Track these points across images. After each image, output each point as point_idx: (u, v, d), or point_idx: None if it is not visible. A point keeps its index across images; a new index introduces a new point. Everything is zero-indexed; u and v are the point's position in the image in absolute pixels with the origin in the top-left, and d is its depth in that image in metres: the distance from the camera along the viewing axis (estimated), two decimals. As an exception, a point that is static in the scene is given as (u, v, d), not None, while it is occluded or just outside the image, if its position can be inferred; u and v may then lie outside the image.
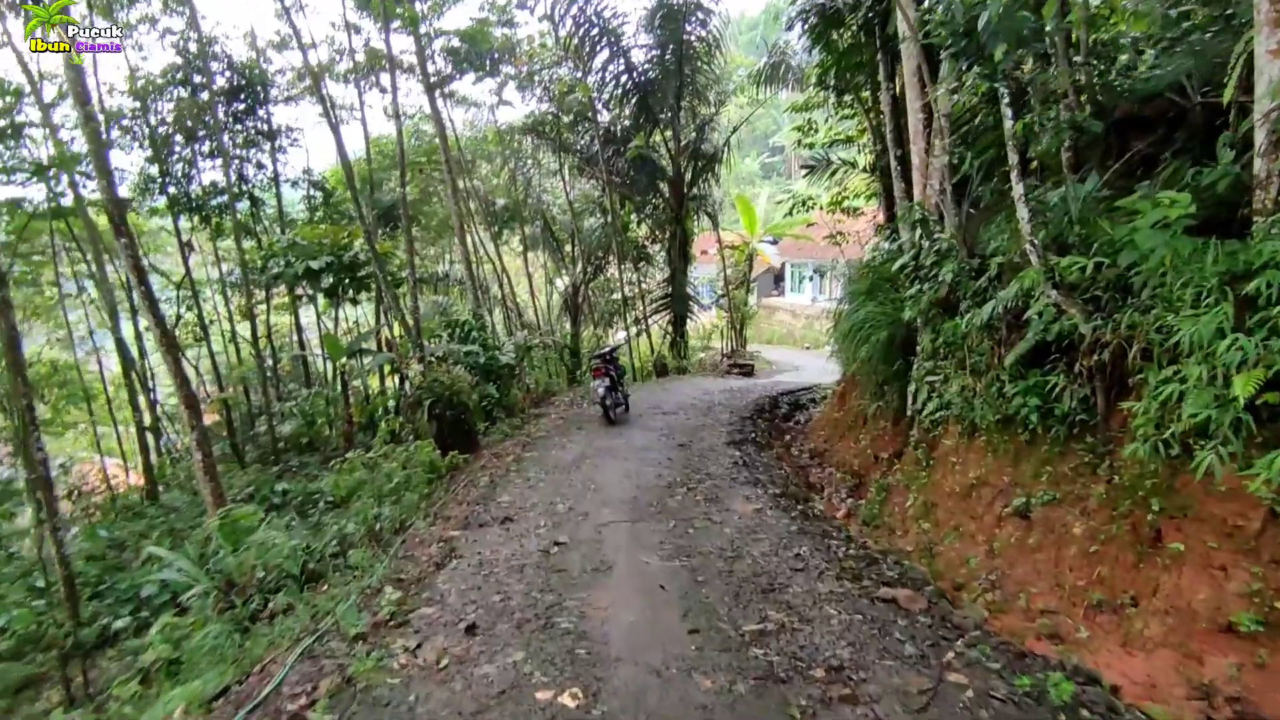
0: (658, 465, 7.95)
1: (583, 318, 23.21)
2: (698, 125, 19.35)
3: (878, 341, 8.03)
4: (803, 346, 27.23)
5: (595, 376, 10.52)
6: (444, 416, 8.94)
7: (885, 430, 8.40)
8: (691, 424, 10.80)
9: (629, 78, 18.55)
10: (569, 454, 8.62)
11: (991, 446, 5.76)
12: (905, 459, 7.34)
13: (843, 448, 9.76)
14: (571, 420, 11.18)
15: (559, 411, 12.25)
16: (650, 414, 11.50)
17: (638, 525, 5.65)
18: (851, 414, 10.16)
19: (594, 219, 22.85)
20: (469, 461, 8.95)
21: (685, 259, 20.11)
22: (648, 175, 19.24)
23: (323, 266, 11.73)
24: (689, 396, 13.68)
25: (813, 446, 10.96)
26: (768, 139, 40.79)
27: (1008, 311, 5.48)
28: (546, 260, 26.09)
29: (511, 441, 9.79)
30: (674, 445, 9.13)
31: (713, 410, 12.17)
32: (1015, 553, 5.14)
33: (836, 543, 5.44)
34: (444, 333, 12.80)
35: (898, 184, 9.78)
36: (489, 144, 23.12)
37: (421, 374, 9.12)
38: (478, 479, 7.84)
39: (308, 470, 11.07)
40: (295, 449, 12.51)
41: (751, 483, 7.23)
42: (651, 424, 10.64)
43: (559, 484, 7.21)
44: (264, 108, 17.36)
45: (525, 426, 11.18)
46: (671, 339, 20.29)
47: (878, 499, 7.22)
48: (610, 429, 10.18)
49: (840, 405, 10.86)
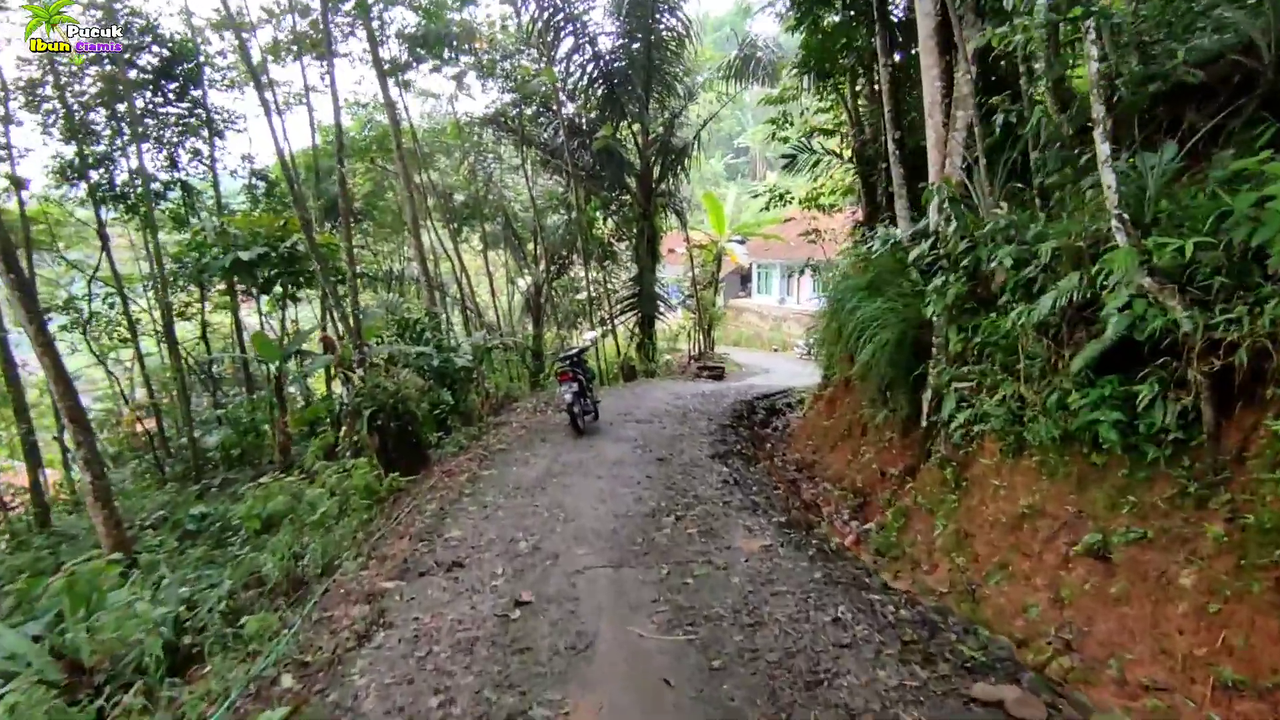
0: (637, 485, 6.72)
1: (545, 318, 21.86)
2: (667, 118, 18.21)
3: (884, 342, 6.94)
4: (771, 348, 26.33)
5: (561, 381, 9.25)
6: (388, 428, 7.57)
7: (892, 442, 7.32)
8: (668, 433, 9.60)
9: (595, 67, 17.30)
10: (533, 471, 7.33)
11: (1048, 468, 4.68)
12: (923, 477, 6.25)
13: (836, 460, 8.68)
14: (535, 430, 9.87)
15: (521, 419, 10.93)
16: (622, 422, 10.26)
17: (622, 572, 4.41)
18: (844, 422, 9.09)
19: (558, 216, 21.54)
20: (417, 481, 7.60)
21: (653, 257, 18.94)
22: (614, 169, 18.01)
23: (255, 258, 10.19)
24: (661, 402, 12.49)
25: (798, 457, 9.87)
26: (733, 140, 39.91)
27: (1071, 305, 4.41)
28: (508, 259, 24.67)
29: (467, 455, 8.45)
30: (652, 459, 7.91)
31: (689, 417, 10.99)
32: (1093, 603, 4.05)
33: (878, 597, 4.27)
34: (393, 333, 11.37)
35: (895, 170, 8.73)
36: (448, 136, 21.60)
37: (362, 379, 7.74)
38: (425, 505, 6.50)
39: (235, 488, 9.52)
40: (225, 462, 10.92)
41: (749, 508, 6.05)
42: (624, 434, 9.40)
43: (521, 511, 5.92)
44: (198, 88, 15.62)
45: (483, 437, 9.84)
46: (639, 340, 19.07)
47: (894, 524, 6.12)
48: (579, 440, 8.91)
49: (829, 412, 9.78)
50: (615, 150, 17.99)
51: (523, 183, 21.52)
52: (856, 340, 7.61)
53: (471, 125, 20.68)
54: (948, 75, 6.40)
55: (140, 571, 5.84)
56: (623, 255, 21.01)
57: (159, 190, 15.32)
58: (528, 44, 17.47)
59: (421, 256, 12.76)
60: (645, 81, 17.36)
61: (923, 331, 6.77)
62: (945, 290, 5.73)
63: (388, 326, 11.47)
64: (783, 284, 28.60)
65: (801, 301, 26.69)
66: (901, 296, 7.09)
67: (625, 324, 19.73)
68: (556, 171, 19.20)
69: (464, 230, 23.58)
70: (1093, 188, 4.54)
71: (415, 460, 7.95)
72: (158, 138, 15.69)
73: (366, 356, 8.08)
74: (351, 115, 20.63)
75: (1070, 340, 4.54)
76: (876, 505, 7.06)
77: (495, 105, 19.08)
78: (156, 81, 15.12)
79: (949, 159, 6.27)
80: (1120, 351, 4.18)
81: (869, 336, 7.18)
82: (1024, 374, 4.73)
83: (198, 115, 15.90)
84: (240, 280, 10.62)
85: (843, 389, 9.61)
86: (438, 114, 22.64)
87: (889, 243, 7.08)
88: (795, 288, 27.74)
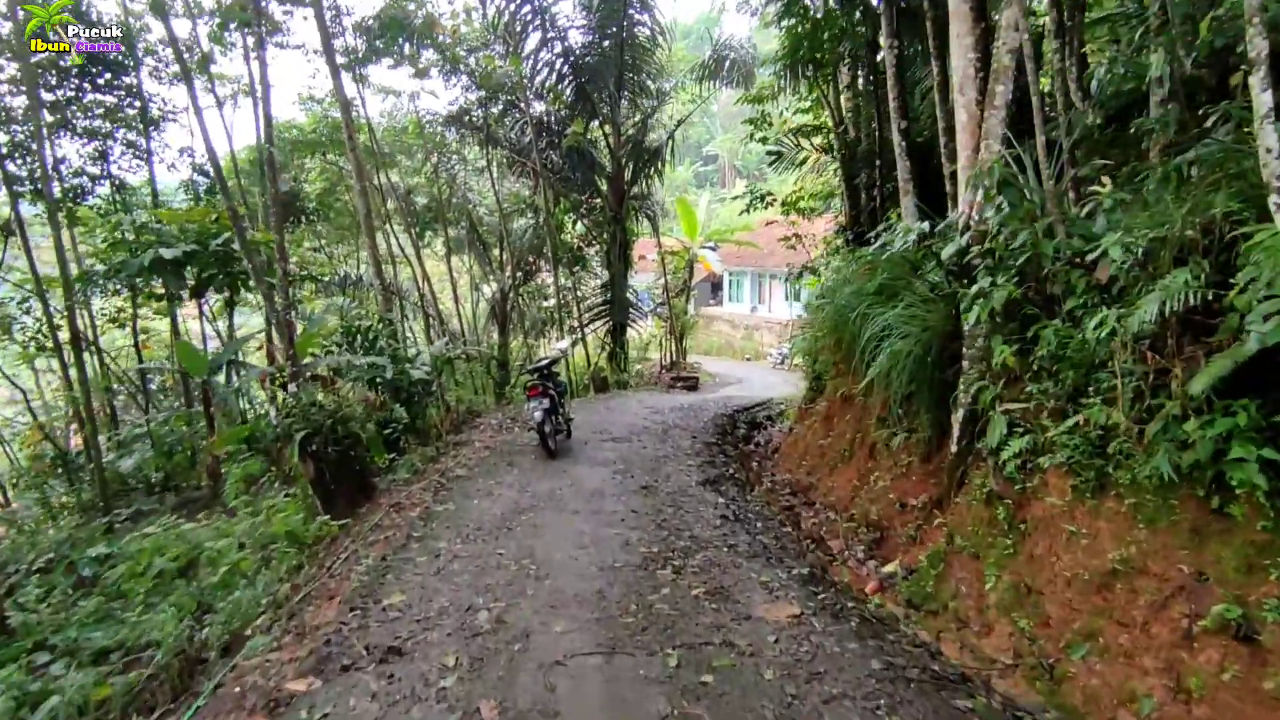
0: (622, 523, 5.56)
1: (512, 327, 20.58)
2: (640, 119, 17.16)
3: (903, 354, 5.95)
4: (743, 358, 25.42)
5: (530, 396, 8.05)
6: (325, 454, 6.28)
7: (911, 468, 6.30)
8: (650, 454, 8.47)
9: (565, 63, 16.17)
10: (497, 505, 6.11)
11: (1145, 514, 3.67)
12: (959, 514, 5.22)
13: (839, 484, 7.64)
14: (500, 451, 8.64)
15: (485, 438, 9.68)
16: (597, 441, 9.09)
17: (616, 663, 3.24)
18: (844, 441, 8.06)
19: (525, 219, 20.32)
20: (360, 516, 6.32)
21: (626, 262, 17.83)
22: (585, 171, 16.89)
23: (180, 256, 8.78)
24: (638, 417, 11.36)
25: (791, 478, 8.84)
26: (701, 148, 39.11)
27: (1186, 310, 3.41)
28: (473, 264, 23.33)
29: (422, 483, 7.18)
30: (636, 487, 6.77)
31: (670, 435, 9.88)
32: (1238, 700, 3.04)
33: (966, 704, 3.16)
34: (340, 341, 10.01)
35: (902, 163, 7.81)
36: (409, 136, 20.23)
37: (295, 396, 6.45)
38: (364, 551, 5.23)
39: (154, 519, 8.07)
40: (145, 488, 9.41)
41: (760, 555, 4.94)
42: (601, 455, 8.24)
43: (482, 563, 4.71)
44: (131, 76, 14.01)
45: (442, 459, 8.57)
46: (610, 349, 17.90)
47: (929, 570, 5.07)
48: (551, 464, 7.72)
49: (825, 429, 8.75)
50: (586, 151, 16.88)
51: (488, 185, 20.27)
52: (866, 352, 6.63)
53: (434, 124, 19.39)
54: (983, 46, 5.44)
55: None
56: (593, 261, 19.86)
57: (84, 185, 13.66)
58: (494, 36, 16.26)
59: (375, 258, 11.45)
60: (617, 79, 16.30)
61: (950, 342, 5.79)
62: (990, 294, 4.73)
63: (337, 334, 10.11)
64: (754, 292, 27.74)
65: (773, 310, 25.90)
66: (924, 301, 6.10)
67: (596, 332, 18.55)
68: (524, 173, 18.00)
69: (427, 234, 22.21)
70: (1205, 161, 3.57)
71: (359, 490, 6.67)
72: (87, 129, 14.05)
73: (301, 370, 6.78)
74: (305, 110, 19.16)
75: (1180, 354, 3.55)
76: (896, 542, 6.03)
77: (459, 103, 17.82)
78: (85, 67, 13.50)
79: (985, 142, 5.29)
80: (1258, 368, 3.20)
81: (883, 347, 6.19)
82: (1120, 396, 3.70)
83: (132, 105, 14.29)
84: (165, 282, 9.15)
85: (840, 404, 8.60)
86: (399, 113, 21.27)
87: (909, 240, 6.06)
88: (767, 295, 26.91)
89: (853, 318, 7.19)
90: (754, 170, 39.03)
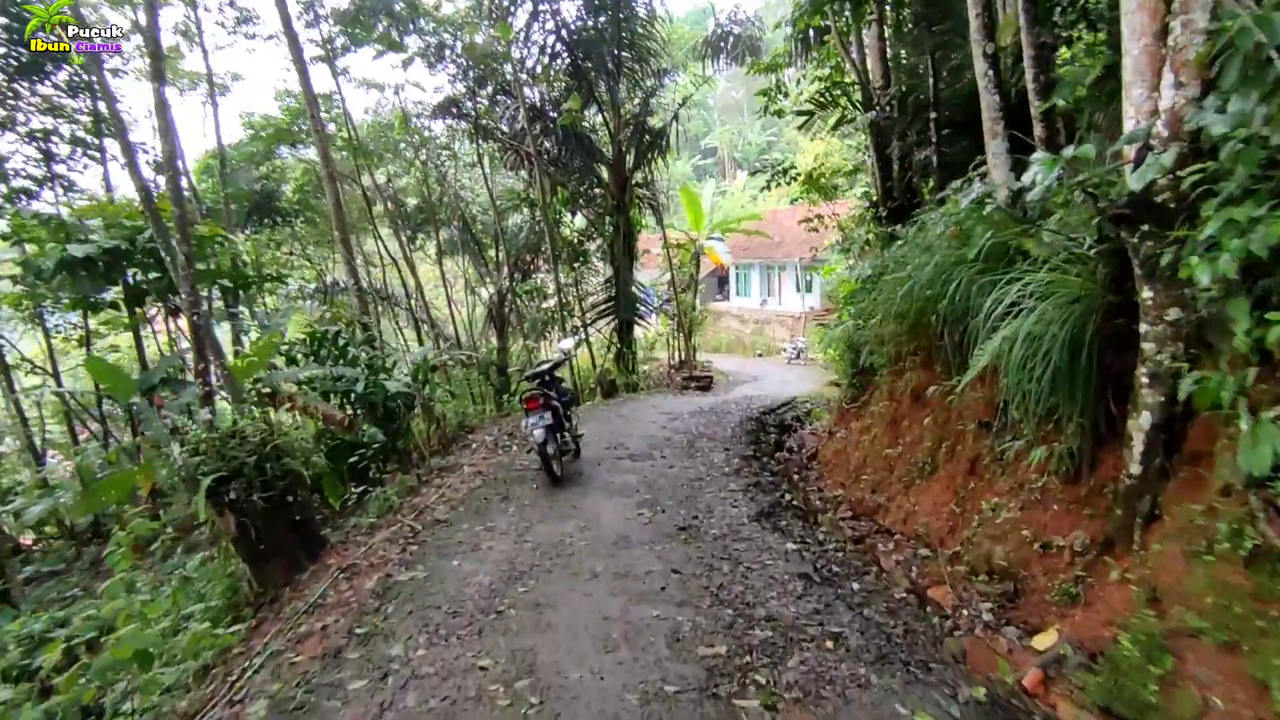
0: (663, 595, 3.74)
1: (511, 329, 18.76)
2: (641, 98, 15.32)
3: (1038, 336, 4.15)
4: (755, 354, 23.53)
5: (529, 410, 6.21)
6: (249, 503, 4.46)
7: (1048, 493, 4.45)
8: (679, 475, 6.65)
9: (558, 40, 14.35)
10: (485, 569, 4.29)
11: None
12: (1169, 568, 3.38)
13: (923, 508, 5.79)
14: (494, 478, 6.81)
15: (477, 459, 7.85)
16: (612, 460, 7.27)
17: None
18: (920, 451, 6.23)
19: (520, 215, 18.51)
20: (299, 586, 4.50)
21: (630, 255, 15.99)
22: (583, 157, 15.04)
23: (96, 254, 6.97)
24: (655, 426, 9.54)
25: (845, 495, 7.04)
26: (700, 141, 37.25)
27: None
28: (467, 267, 21.54)
29: (387, 532, 5.34)
30: (671, 528, 4.95)
31: (697, 447, 8.06)
32: None
33: None
34: (306, 350, 8.19)
35: (990, 98, 5.95)
36: (395, 132, 18.44)
37: (208, 425, 4.64)
38: (285, 663, 3.41)
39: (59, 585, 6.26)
40: (66, 537, 7.60)
41: (878, 653, 3.11)
42: (619, 479, 6.41)
43: (453, 693, 2.89)
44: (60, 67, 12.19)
45: (423, 489, 6.76)
46: (617, 350, 16.06)
47: (1141, 661, 3.23)
48: (556, 495, 5.90)
49: (892, 435, 6.92)
50: (584, 135, 15.05)
51: (480, 182, 18.47)
52: (967, 336, 4.85)
53: (421, 117, 17.62)
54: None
55: None
56: (594, 256, 18.03)
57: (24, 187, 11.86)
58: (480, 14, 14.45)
59: (349, 254, 9.67)
60: (615, 55, 14.47)
61: (1113, 318, 3.99)
62: (1235, 236, 2.90)
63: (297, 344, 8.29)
64: (764, 284, 25.82)
65: (784, 303, 24.04)
66: (1071, 263, 4.27)
67: (600, 332, 16.71)
68: (518, 165, 16.19)
69: (419, 237, 20.45)
70: None
71: (301, 547, 4.85)
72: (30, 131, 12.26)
73: (212, 389, 4.97)
74: (281, 105, 17.34)
75: None
76: (1043, 599, 4.18)
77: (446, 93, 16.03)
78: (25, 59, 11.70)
79: (1184, 16, 3.45)
80: None
81: (997, 330, 4.39)
82: None
83: (80, 101, 12.49)
84: (78, 285, 7.33)
85: (912, 404, 6.79)
86: (384, 108, 19.53)
87: (1046, 181, 4.20)
88: (777, 288, 25.01)
89: (940, 294, 5.39)
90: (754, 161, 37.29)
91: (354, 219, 19.24)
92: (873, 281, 7.86)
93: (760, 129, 38.53)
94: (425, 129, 18.54)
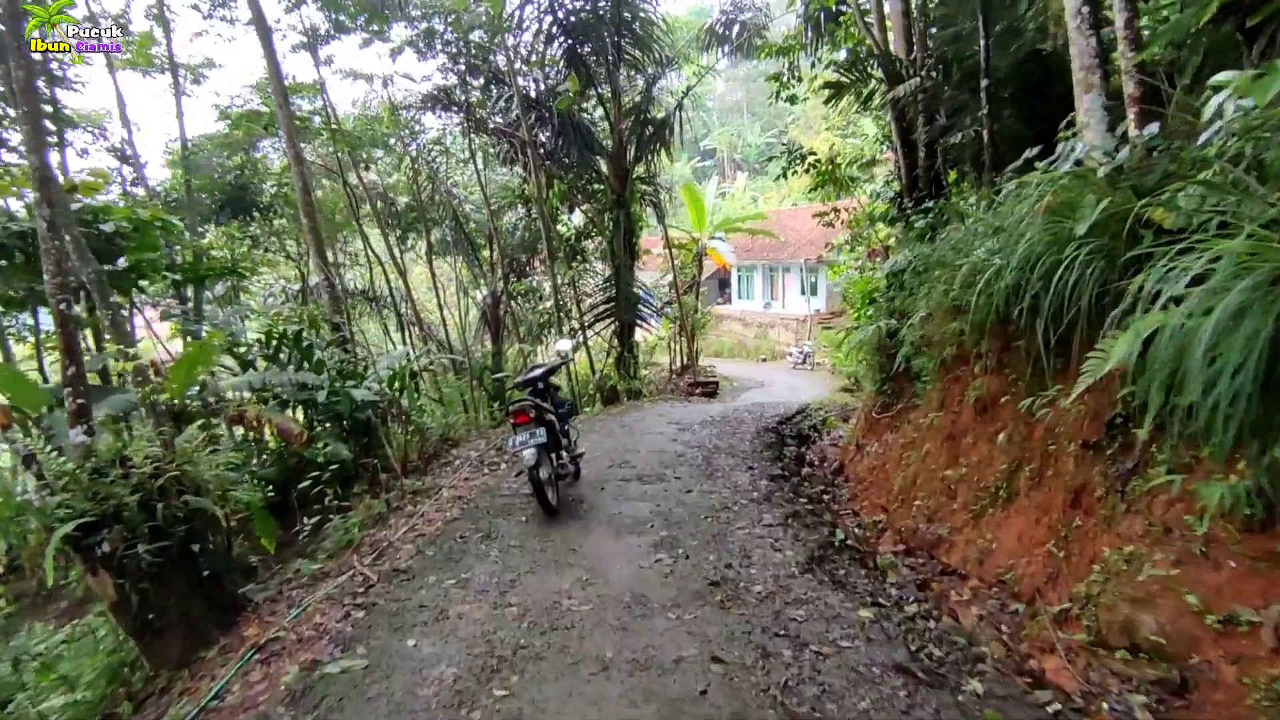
0: (706, 708, 2.50)
1: (506, 332, 17.49)
2: (643, 85, 14.11)
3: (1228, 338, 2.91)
4: (759, 358, 22.26)
5: (518, 424, 4.95)
6: (129, 562, 3.21)
7: (1228, 547, 3.21)
8: (699, 501, 5.39)
9: (554, 21, 13.15)
10: (451, 651, 3.02)
11: None
12: None
13: (1005, 544, 4.53)
14: (477, 505, 5.54)
15: (459, 480, 6.58)
16: (618, 482, 6.01)
17: None
18: (993, 474, 5.00)
19: (515, 213, 17.28)
20: (198, 668, 3.24)
21: (632, 253, 14.73)
22: (582, 148, 13.80)
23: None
24: (664, 438, 8.29)
25: (890, 522, 5.83)
26: (699, 143, 36.05)
27: None
28: (460, 268, 20.27)
29: (332, 585, 4.07)
30: (700, 583, 3.70)
31: (715, 465, 6.80)
32: None
33: None
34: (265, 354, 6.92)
35: (1082, 41, 4.75)
36: (384, 125, 17.18)
37: (82, 452, 3.38)
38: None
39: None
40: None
41: None
42: (628, 509, 5.15)
43: None
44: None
45: (390, 520, 5.50)
46: (618, 354, 14.79)
47: None
48: (550, 531, 4.65)
49: (950, 453, 5.69)
50: (582, 125, 13.81)
51: (474, 178, 17.22)
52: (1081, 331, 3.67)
53: (411, 108, 16.36)
54: None
55: None
56: (593, 256, 16.78)
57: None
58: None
59: (318, 244, 8.42)
60: (615, 38, 13.26)
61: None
62: None
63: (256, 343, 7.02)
64: (766, 287, 24.56)
65: (788, 305, 22.79)
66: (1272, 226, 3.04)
67: (599, 335, 15.44)
68: (512, 160, 14.94)
69: (410, 237, 19.19)
70: None
71: (211, 611, 3.59)
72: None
73: (87, 402, 3.71)
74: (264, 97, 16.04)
75: None
76: (1235, 702, 2.96)
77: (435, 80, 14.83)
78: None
79: None
80: None
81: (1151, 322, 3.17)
82: None
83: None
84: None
85: (975, 416, 5.56)
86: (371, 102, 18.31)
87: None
88: (781, 290, 23.75)
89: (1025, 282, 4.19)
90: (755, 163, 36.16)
91: (337, 218, 17.98)
92: (915, 274, 6.67)
93: (760, 130, 37.40)
94: (415, 122, 17.32)
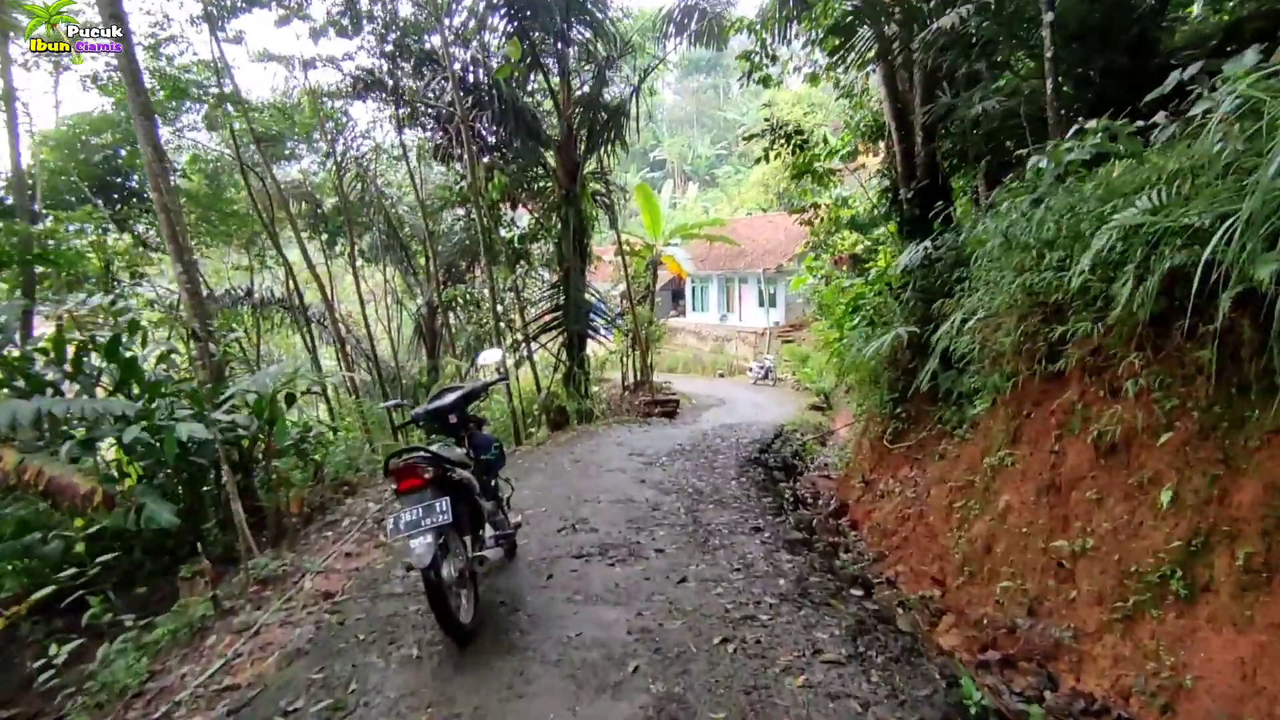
0: None
1: (442, 345, 15.14)
2: (595, 69, 12.15)
3: None
4: (715, 374, 20.41)
5: (403, 493, 2.83)
6: None
7: None
8: (698, 603, 3.35)
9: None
10: None
11: None
12: None
13: (1211, 672, 2.66)
14: (342, 623, 3.35)
15: (337, 555, 4.35)
16: (569, 560, 3.91)
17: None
18: (1143, 553, 3.15)
19: (454, 214, 15.03)
20: None
21: (583, 256, 12.66)
22: (525, 136, 11.72)
23: None
24: (626, 477, 6.21)
25: (953, 604, 3.93)
26: (648, 154, 34.32)
27: None
28: (394, 276, 17.81)
29: None
30: None
31: (703, 522, 4.78)
32: None
33: None
34: (57, 370, 4.55)
35: None
36: (304, 117, 14.63)
37: None
38: None
39: None
40: None
41: None
42: (590, 629, 3.06)
43: None
44: None
45: (209, 640, 3.28)
46: (567, 369, 12.63)
47: None
48: (456, 684, 2.53)
49: (1047, 508, 3.81)
50: (525, 109, 11.73)
51: (408, 177, 14.87)
52: None
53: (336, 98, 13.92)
54: None
55: None
56: (539, 263, 14.61)
57: None
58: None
59: (172, 231, 6.08)
60: (564, 14, 11.29)
61: None
62: None
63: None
64: (722, 299, 22.80)
65: (745, 318, 21.09)
66: None
67: (547, 348, 13.25)
68: (449, 157, 12.68)
69: (339, 242, 16.66)
70: None
71: None
72: None
73: None
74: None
75: None
76: None
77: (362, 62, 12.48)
78: None
79: None
80: None
81: None
82: None
83: None
84: None
85: (1095, 458, 3.69)
86: (292, 89, 15.70)
87: None
88: (738, 302, 22.04)
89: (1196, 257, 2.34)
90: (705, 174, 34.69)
91: (155, 164, 15.24)
92: (949, 267, 4.97)
93: (710, 142, 35.95)
94: (341, 114, 14.90)
